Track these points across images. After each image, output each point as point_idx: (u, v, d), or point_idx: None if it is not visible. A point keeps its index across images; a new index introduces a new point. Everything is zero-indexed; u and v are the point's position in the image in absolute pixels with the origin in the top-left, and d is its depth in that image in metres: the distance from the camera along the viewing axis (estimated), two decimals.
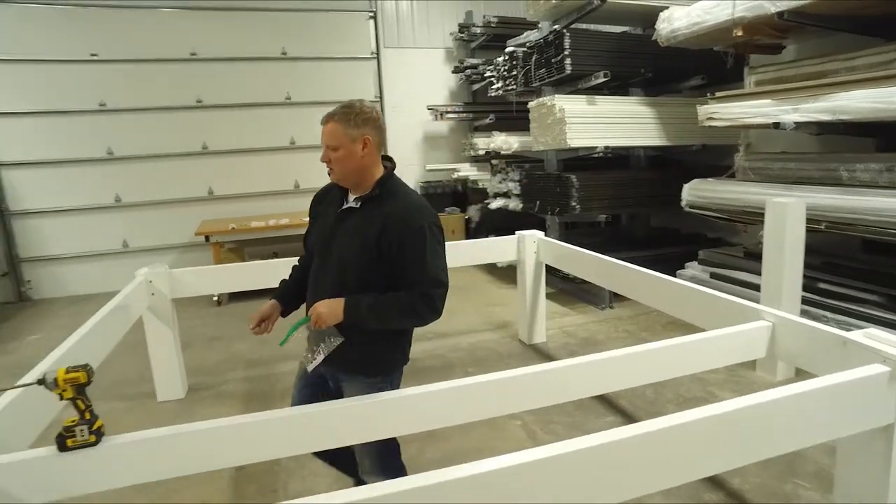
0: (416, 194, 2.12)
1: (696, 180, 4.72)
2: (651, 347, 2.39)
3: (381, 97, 7.98)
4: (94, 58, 6.89)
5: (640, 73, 5.50)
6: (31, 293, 7.09)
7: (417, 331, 4.77)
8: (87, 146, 7.00)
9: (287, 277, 2.32)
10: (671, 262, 4.78)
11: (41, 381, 1.60)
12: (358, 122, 1.93)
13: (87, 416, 1.64)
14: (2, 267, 6.95)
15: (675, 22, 4.47)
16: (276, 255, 6.95)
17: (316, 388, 2.17)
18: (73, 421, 1.63)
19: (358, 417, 1.99)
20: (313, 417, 1.94)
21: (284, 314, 2.22)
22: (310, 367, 2.05)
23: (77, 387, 1.60)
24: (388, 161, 2.10)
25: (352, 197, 2.04)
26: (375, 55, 7.90)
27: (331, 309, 1.89)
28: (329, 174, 2.01)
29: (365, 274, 1.95)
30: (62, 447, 1.63)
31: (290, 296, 2.24)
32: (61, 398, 1.62)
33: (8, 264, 6.97)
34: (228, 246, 6.64)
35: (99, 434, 1.66)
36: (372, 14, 7.80)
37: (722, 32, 4.14)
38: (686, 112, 5.34)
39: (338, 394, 2.14)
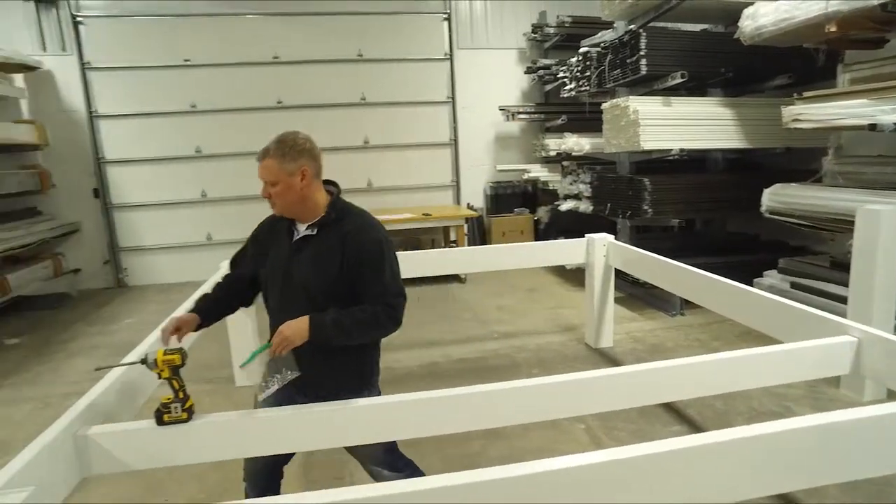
0: (366, 213, 2.16)
1: (777, 185, 4.50)
2: (723, 357, 2.32)
3: (453, 98, 8.07)
4: (187, 63, 7.37)
5: (719, 72, 5.29)
6: (127, 280, 7.70)
7: (483, 331, 4.84)
8: (177, 145, 7.52)
9: (209, 292, 2.23)
10: (748, 269, 4.57)
11: (143, 361, 1.77)
12: (293, 155, 1.94)
13: (181, 395, 1.80)
14: (104, 255, 7.58)
15: (760, 18, 4.27)
16: None
17: None
18: (168, 399, 1.80)
19: (427, 411, 2.05)
20: (383, 409, 2.02)
21: (200, 328, 2.13)
22: (260, 397, 2.01)
23: (173, 368, 1.77)
24: (333, 185, 2.14)
25: (302, 226, 2.05)
26: (449, 56, 7.99)
27: (295, 330, 1.87)
28: (272, 208, 2.03)
29: (332, 294, 1.98)
30: (159, 421, 1.80)
31: (210, 312, 2.14)
32: (159, 377, 1.79)
33: (109, 253, 7.59)
34: None
35: (190, 412, 1.83)
36: (446, 15, 7.91)
37: (813, 28, 3.91)
38: (769, 113, 5.10)
39: None
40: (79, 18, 7.11)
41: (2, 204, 6.60)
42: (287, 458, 2.30)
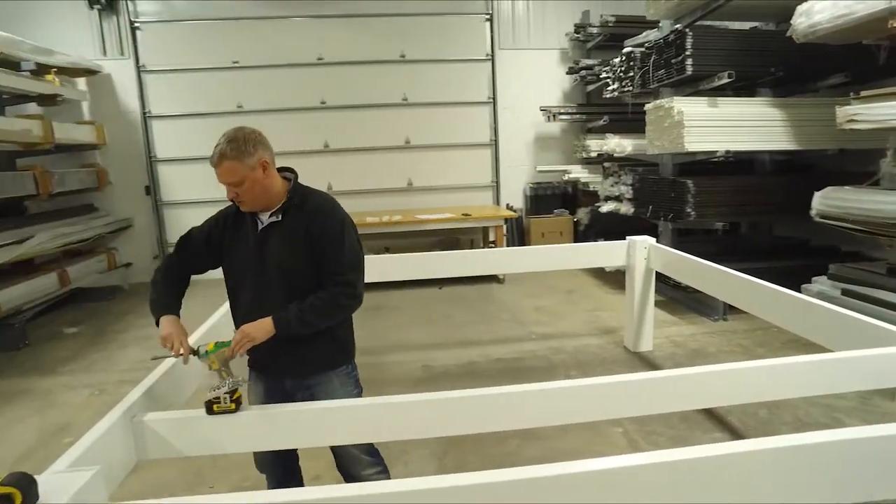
0: (326, 194, 2.20)
1: (830, 188, 4.34)
2: (768, 363, 2.27)
3: (494, 98, 8.08)
4: (235, 65, 7.60)
5: (769, 72, 5.13)
6: None
7: (521, 332, 4.83)
8: None
9: (158, 289, 2.10)
10: (795, 275, 4.43)
11: (194, 352, 1.85)
12: (250, 149, 1.95)
13: (230, 385, 1.87)
14: (154, 250, 7.89)
15: (815, 15, 4.10)
16: (387, 250, 7.31)
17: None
18: (217, 389, 1.88)
19: (465, 410, 2.08)
20: (427, 406, 2.06)
21: None
22: (207, 397, 1.93)
23: (222, 360, 1.84)
24: (289, 171, 2.16)
25: (265, 215, 2.07)
26: (490, 57, 8.00)
27: (258, 328, 1.93)
28: (241, 207, 2.04)
29: (307, 274, 2.03)
30: (209, 411, 1.89)
31: (176, 306, 2.10)
32: (210, 368, 1.86)
33: (158, 248, 7.90)
34: None
35: (238, 403, 1.90)
36: (488, 16, 7.92)
37: (875, 23, 3.72)
38: (821, 113, 4.92)
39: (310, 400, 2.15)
40: (136, 24, 7.42)
41: (63, 200, 6.95)
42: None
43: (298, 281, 2.02)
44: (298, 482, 2.44)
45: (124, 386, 4.24)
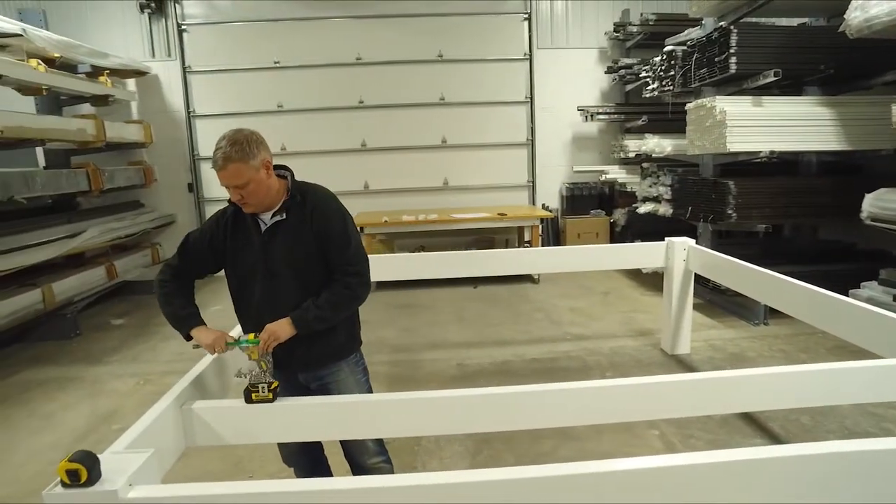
0: (322, 186, 2.20)
1: (882, 189, 4.18)
2: (813, 368, 2.23)
3: (531, 98, 8.05)
4: (277, 65, 7.77)
5: (818, 69, 4.96)
6: None
7: (556, 332, 4.81)
8: None
9: (174, 301, 2.13)
10: (842, 279, 4.29)
11: (235, 342, 1.91)
12: (252, 151, 1.94)
13: (268, 376, 1.93)
14: None
15: (871, 9, 3.91)
16: (422, 249, 7.36)
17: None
18: (255, 378, 1.94)
19: (500, 407, 2.09)
20: (458, 401, 2.08)
21: None
22: (242, 374, 2.02)
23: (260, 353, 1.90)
24: (284, 168, 2.14)
25: (267, 215, 2.08)
26: (528, 56, 7.97)
27: (281, 326, 1.97)
28: (245, 209, 2.03)
29: (316, 269, 2.06)
30: (248, 400, 1.95)
31: (198, 314, 2.14)
32: (249, 358, 1.93)
33: None
34: (380, 237, 7.13)
35: (275, 393, 1.96)
36: (527, 15, 7.89)
37: None
38: (875, 112, 4.75)
39: (323, 391, 2.20)
40: (183, 26, 7.67)
41: (112, 197, 7.22)
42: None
43: (309, 276, 2.06)
44: (327, 472, 2.49)
45: (167, 376, 4.40)
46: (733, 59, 4.80)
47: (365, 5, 7.68)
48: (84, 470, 1.37)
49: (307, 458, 2.39)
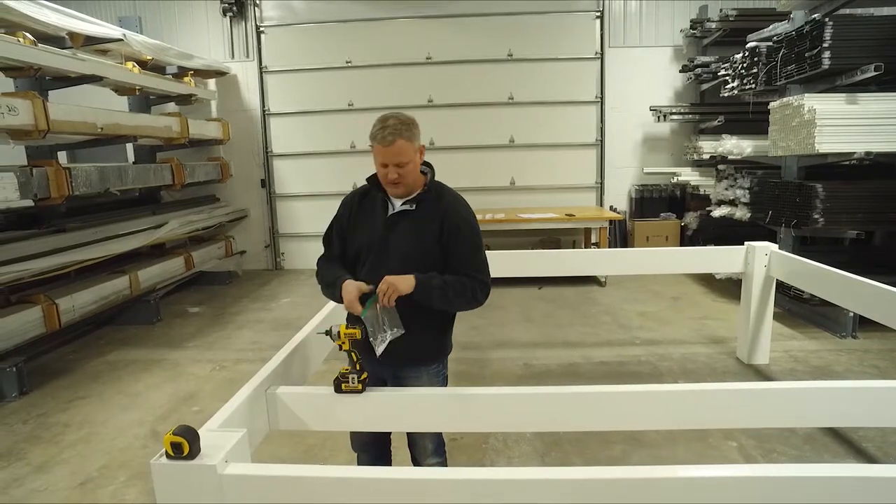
0: (458, 193, 2.19)
1: None
2: None
3: (601, 97, 7.88)
4: (348, 64, 7.95)
5: None
6: (283, 263, 8.51)
7: (624, 336, 4.73)
8: (334, 141, 8.12)
9: (327, 272, 2.15)
10: None
11: (328, 333, 1.96)
12: (415, 132, 1.98)
13: (358, 367, 1.97)
14: (266, 240, 8.44)
15: None
16: (487, 248, 7.33)
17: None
18: (346, 369, 1.98)
19: (572, 405, 2.06)
20: (526, 399, 2.06)
21: None
22: (378, 350, 2.00)
23: (353, 341, 1.94)
24: (426, 164, 2.15)
25: (398, 201, 2.08)
26: (599, 55, 7.81)
27: (402, 280, 1.92)
28: (395, 188, 2.03)
29: (427, 265, 2.02)
30: (337, 389, 1.98)
31: (346, 274, 2.12)
32: (340, 349, 1.97)
33: (270, 238, 8.43)
34: None
35: (365, 384, 1.99)
36: (599, 14, 7.73)
37: None
38: None
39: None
40: (261, 28, 7.97)
41: (190, 191, 7.60)
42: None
43: (419, 270, 2.03)
44: (387, 463, 2.51)
45: (241, 364, 4.58)
46: (826, 54, 4.52)
47: (435, 5, 7.75)
48: (186, 444, 1.44)
49: (374, 449, 2.43)
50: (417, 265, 2.02)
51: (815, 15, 4.86)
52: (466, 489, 1.51)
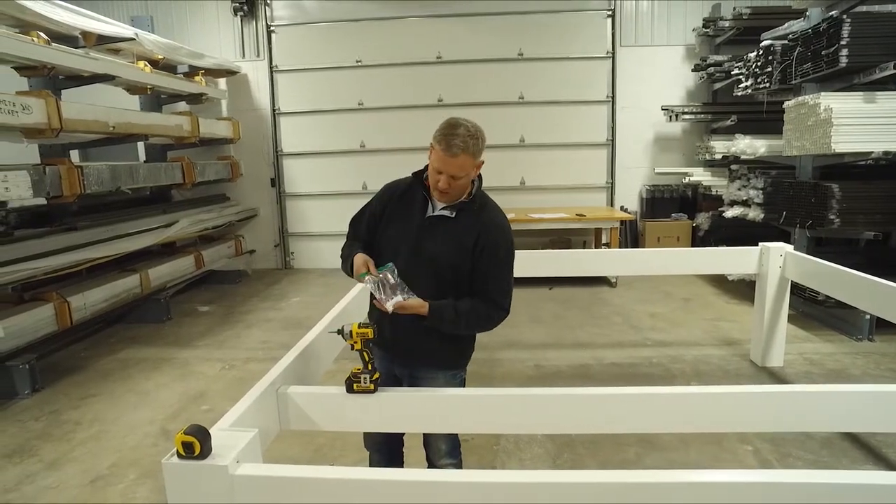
0: (501, 210, 2.13)
1: None
2: None
3: (612, 97, 7.82)
4: (359, 63, 7.94)
5: None
6: (293, 262, 8.51)
7: (635, 337, 4.67)
8: (344, 140, 8.11)
9: (346, 251, 2.17)
10: None
11: (339, 332, 1.94)
12: (481, 149, 1.94)
13: (370, 367, 1.95)
14: (275, 239, 8.45)
15: None
16: None
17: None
18: (358, 369, 1.96)
19: (584, 407, 2.03)
20: (537, 400, 2.04)
21: None
22: (389, 307, 1.92)
23: (365, 341, 1.91)
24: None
25: (440, 205, 2.05)
26: (611, 54, 7.75)
27: (415, 304, 1.92)
28: (442, 195, 2.00)
29: (457, 272, 2.01)
30: (349, 389, 1.96)
31: (361, 247, 2.14)
32: (352, 348, 1.94)
33: (279, 237, 8.44)
34: None
35: (377, 384, 1.97)
36: (610, 13, 7.68)
37: None
38: None
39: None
40: (272, 28, 7.98)
41: (200, 190, 7.62)
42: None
43: (447, 276, 2.03)
44: (400, 463, 2.50)
45: (251, 363, 4.58)
46: (844, 52, 4.46)
47: (446, 4, 7.72)
48: (198, 443, 1.43)
49: (387, 448, 2.41)
50: (445, 272, 2.02)
51: (833, 12, 4.79)
52: (477, 492, 1.49)
